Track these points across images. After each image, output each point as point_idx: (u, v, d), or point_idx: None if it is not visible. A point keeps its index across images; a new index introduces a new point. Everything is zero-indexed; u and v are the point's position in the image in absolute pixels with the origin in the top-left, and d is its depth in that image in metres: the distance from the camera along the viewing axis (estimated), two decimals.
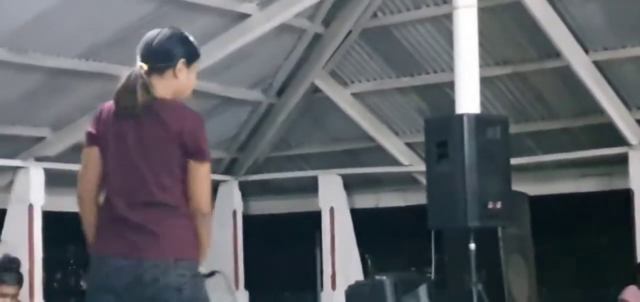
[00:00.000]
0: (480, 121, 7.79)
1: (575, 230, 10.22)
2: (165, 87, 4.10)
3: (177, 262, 3.98)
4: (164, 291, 3.93)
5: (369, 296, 7.36)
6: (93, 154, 4.15)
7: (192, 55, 4.18)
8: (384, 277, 7.32)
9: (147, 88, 4.02)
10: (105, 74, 10.12)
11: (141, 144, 4.02)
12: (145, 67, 4.06)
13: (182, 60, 4.13)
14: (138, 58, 4.16)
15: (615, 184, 11.14)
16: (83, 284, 13.89)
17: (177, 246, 4.02)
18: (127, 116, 4.02)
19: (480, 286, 7.31)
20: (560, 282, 10.11)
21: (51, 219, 10.97)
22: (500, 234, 7.76)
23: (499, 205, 7.42)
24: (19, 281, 7.86)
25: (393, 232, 11.57)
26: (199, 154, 4.04)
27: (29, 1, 8.80)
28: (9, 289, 7.63)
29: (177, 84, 4.14)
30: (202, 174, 4.06)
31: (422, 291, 7.57)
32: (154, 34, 4.18)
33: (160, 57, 4.12)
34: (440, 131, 7.87)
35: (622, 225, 10.75)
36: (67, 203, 11.60)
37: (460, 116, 7.94)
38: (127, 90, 4.04)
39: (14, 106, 10.20)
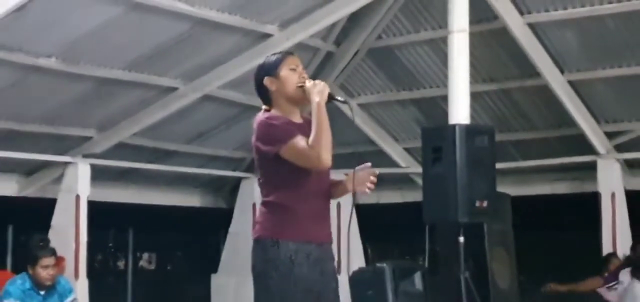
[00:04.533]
0: (470, 130, 7.80)
1: (549, 227, 10.29)
2: (278, 104, 4.07)
3: None
4: None
5: (371, 280, 7.21)
6: None
7: (270, 69, 4.10)
8: (384, 265, 7.28)
9: None
10: (145, 84, 10.29)
11: None
12: None
13: (266, 79, 4.08)
14: None
15: (585, 188, 11.20)
16: (120, 264, 14.06)
17: None
18: None
19: (468, 274, 7.26)
20: (536, 271, 10.10)
21: (95, 208, 10.95)
22: (485, 229, 7.70)
23: (485, 204, 7.44)
24: (53, 253, 7.90)
25: (391, 225, 11.64)
26: None
27: (81, 20, 8.75)
28: (49, 260, 7.71)
29: (282, 93, 4.06)
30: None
31: (417, 277, 7.51)
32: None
33: (261, 97, 4.16)
34: (435, 138, 7.83)
35: (590, 223, 10.84)
36: (109, 194, 11.88)
37: (453, 126, 7.98)
38: None
39: (65, 110, 10.25)
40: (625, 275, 9.32)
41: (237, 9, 9.64)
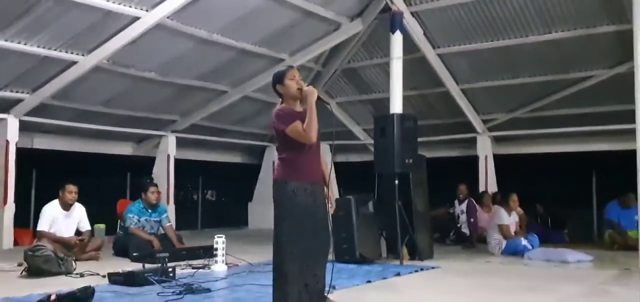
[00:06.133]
0: (403, 117, 7.61)
1: (448, 175, 10.29)
2: (286, 100, 3.97)
3: None
4: None
5: (342, 206, 6.87)
6: None
7: (279, 78, 3.97)
8: (350, 197, 7.07)
9: None
10: (208, 88, 10.25)
11: None
12: None
13: (277, 85, 3.98)
14: None
15: (470, 153, 11.12)
16: (194, 197, 14.13)
17: None
18: None
19: (400, 203, 7.12)
20: (439, 202, 10.19)
21: (179, 163, 11.02)
22: (410, 177, 7.46)
23: (411, 161, 7.32)
24: (156, 185, 7.86)
25: (355, 174, 11.64)
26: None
27: (169, 48, 8.72)
28: (155, 188, 7.71)
29: (287, 94, 3.94)
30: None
31: (370, 204, 7.27)
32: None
33: (276, 95, 4.04)
34: (382, 122, 7.53)
35: (472, 172, 10.83)
36: (187, 154, 11.85)
37: (392, 115, 7.83)
38: None
39: (160, 104, 10.24)
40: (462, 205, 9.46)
41: (264, 43, 9.59)
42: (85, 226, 7.19)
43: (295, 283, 3.78)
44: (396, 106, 8.50)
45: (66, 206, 7.05)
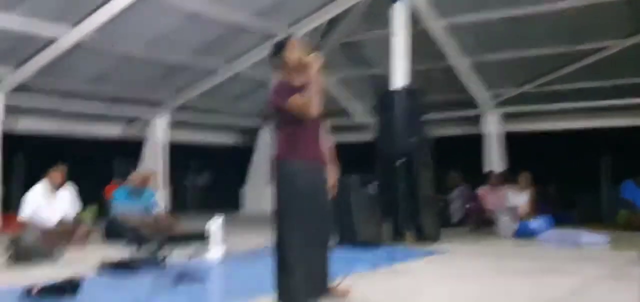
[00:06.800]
0: (408, 92, 7.34)
1: (453, 154, 10.19)
2: (286, 72, 3.82)
3: None
4: None
5: (343, 186, 7.05)
6: None
7: (274, 52, 3.87)
8: (352, 177, 6.96)
9: None
10: (198, 66, 10.14)
11: None
12: None
13: (275, 57, 3.84)
14: None
15: (475, 130, 11.10)
16: (185, 180, 14.00)
17: None
18: None
19: (403, 185, 6.98)
20: (445, 182, 10.13)
21: (170, 145, 11.09)
22: (415, 156, 7.34)
23: (415, 140, 7.21)
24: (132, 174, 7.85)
25: (353, 155, 11.56)
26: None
27: (155, 26, 8.60)
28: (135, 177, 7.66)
29: (287, 65, 3.80)
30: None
31: (371, 186, 7.10)
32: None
33: (274, 68, 3.89)
34: (385, 97, 7.37)
35: (477, 150, 10.81)
36: (179, 136, 11.72)
37: (396, 89, 7.59)
38: None
39: (148, 83, 10.11)
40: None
41: (258, 15, 9.39)
42: (72, 212, 7.01)
43: (298, 269, 3.68)
44: (399, 81, 8.31)
45: (53, 188, 6.89)
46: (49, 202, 6.87)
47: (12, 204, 9.62)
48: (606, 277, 4.95)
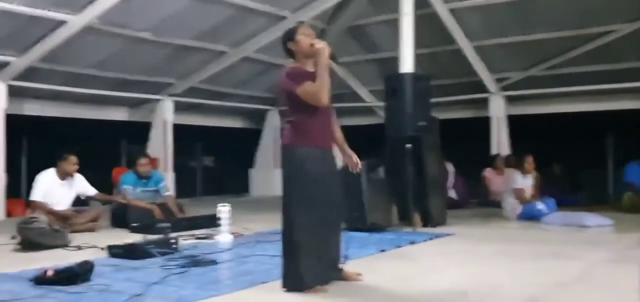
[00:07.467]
0: (415, 76, 7.38)
1: (461, 137, 10.26)
2: (298, 58, 3.87)
3: None
4: None
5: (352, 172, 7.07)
6: None
7: (291, 35, 3.89)
8: (361, 161, 7.12)
9: None
10: (206, 49, 10.12)
11: None
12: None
13: (289, 43, 3.88)
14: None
15: (482, 113, 11.07)
16: (192, 163, 14.03)
17: None
18: None
19: (411, 168, 6.91)
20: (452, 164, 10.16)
21: (176, 128, 11.05)
22: (423, 140, 7.32)
23: (423, 123, 7.17)
24: (147, 156, 7.94)
25: (361, 138, 11.58)
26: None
27: (164, 7, 8.61)
28: (144, 161, 7.66)
29: (299, 51, 3.84)
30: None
31: (381, 170, 7.12)
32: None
33: (287, 54, 3.94)
34: (393, 82, 7.32)
35: (484, 134, 10.79)
36: (185, 119, 11.83)
37: (405, 74, 7.57)
38: None
39: (157, 65, 10.12)
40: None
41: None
42: (91, 192, 7.13)
43: (307, 253, 3.72)
44: (407, 65, 8.29)
45: (64, 176, 6.95)
46: (59, 186, 6.94)
47: (18, 189, 9.74)
48: (612, 261, 4.98)
